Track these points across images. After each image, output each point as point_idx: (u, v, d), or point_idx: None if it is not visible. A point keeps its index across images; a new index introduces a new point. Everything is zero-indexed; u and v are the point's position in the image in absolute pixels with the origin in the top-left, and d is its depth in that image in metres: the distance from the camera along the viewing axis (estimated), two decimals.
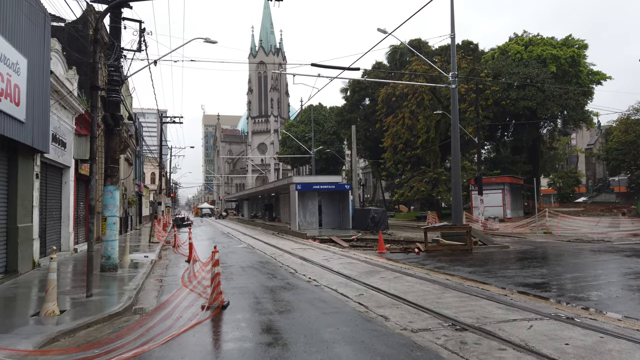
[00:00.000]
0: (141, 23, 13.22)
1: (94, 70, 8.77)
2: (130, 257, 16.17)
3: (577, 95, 40.79)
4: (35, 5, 11.53)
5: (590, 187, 77.15)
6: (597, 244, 19.89)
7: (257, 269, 13.68)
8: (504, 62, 43.68)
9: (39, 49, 11.99)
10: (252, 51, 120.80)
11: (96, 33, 8.98)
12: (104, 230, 12.33)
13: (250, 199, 65.85)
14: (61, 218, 16.84)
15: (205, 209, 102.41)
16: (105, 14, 9.78)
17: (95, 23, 9.52)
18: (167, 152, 58.68)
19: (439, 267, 13.43)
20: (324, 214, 32.77)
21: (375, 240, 22.11)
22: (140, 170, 48.56)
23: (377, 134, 50.68)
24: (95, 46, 8.92)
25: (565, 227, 26.15)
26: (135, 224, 41.93)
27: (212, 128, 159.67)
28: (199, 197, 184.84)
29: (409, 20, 15.20)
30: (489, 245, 17.86)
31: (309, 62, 18.33)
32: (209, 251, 11.88)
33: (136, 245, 22.74)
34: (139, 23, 13.23)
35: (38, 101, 11.89)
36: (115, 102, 12.42)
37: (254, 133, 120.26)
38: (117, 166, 12.84)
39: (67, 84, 15.82)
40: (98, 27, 9.09)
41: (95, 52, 8.91)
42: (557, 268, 13.09)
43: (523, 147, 45.46)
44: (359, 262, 14.64)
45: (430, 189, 39.89)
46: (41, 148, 12.38)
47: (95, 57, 8.89)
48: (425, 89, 40.35)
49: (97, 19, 9.63)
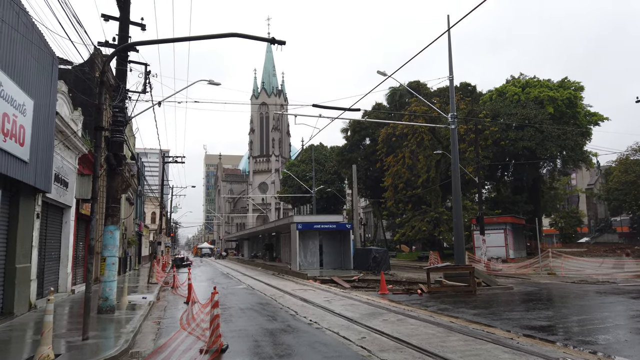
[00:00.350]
0: (147, 66, 13.56)
1: (99, 111, 8.91)
2: (129, 299, 15.92)
3: (575, 136, 41.21)
4: (44, 49, 11.85)
5: (593, 227, 76.74)
6: (602, 285, 19.59)
7: (257, 311, 13.43)
8: (502, 103, 44.40)
9: (46, 91, 12.23)
10: (255, 93, 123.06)
11: (102, 76, 9.18)
12: (103, 270, 12.19)
13: (251, 239, 65.41)
14: (60, 258, 16.67)
15: (205, 249, 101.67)
16: (112, 57, 10.03)
17: (102, 66, 9.75)
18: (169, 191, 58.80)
19: (443, 309, 13.17)
20: (325, 254, 32.45)
21: (377, 281, 21.81)
22: (141, 209, 48.50)
23: (378, 174, 50.91)
24: (101, 88, 9.10)
25: (569, 268, 25.83)
26: (135, 264, 41.49)
27: (214, 167, 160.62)
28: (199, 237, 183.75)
29: (408, 63, 15.36)
30: (492, 286, 17.58)
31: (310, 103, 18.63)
32: (208, 292, 11.72)
33: (135, 286, 22.43)
34: (144, 66, 13.58)
35: (42, 141, 12.02)
36: (119, 142, 12.55)
37: (255, 172, 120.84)
38: (118, 206, 12.83)
39: (72, 125, 16.04)
40: (105, 70, 9.30)
41: (100, 94, 9.08)
42: (563, 310, 12.85)
43: (523, 187, 45.54)
44: (361, 303, 14.39)
45: (432, 229, 39.67)
46: (43, 188, 12.41)
47: (100, 98, 9.05)
48: (425, 129, 40.84)
49: (103, 62, 9.87)
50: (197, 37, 10.23)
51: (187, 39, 10.29)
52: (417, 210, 42.15)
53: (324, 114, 50.78)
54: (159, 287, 20.79)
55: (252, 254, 62.52)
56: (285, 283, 23.32)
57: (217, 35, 10.41)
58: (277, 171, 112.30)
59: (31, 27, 11.02)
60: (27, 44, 10.84)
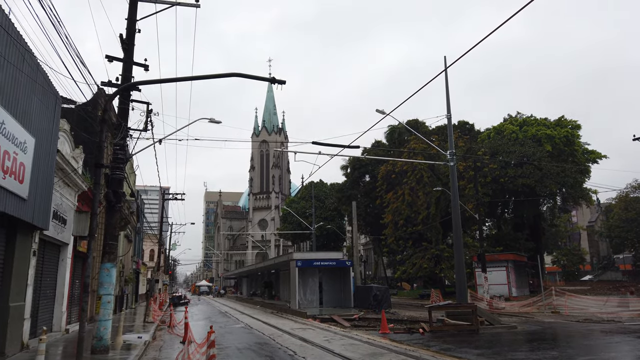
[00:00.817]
0: (148, 104, 13.75)
1: (100, 148, 8.99)
2: (124, 338, 15.57)
3: (574, 173, 41.39)
4: (48, 89, 12.05)
5: (596, 265, 75.98)
6: (607, 324, 19.20)
7: (255, 351, 13.11)
8: (500, 141, 44.78)
9: (48, 129, 12.36)
10: (255, 131, 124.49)
11: (104, 114, 9.31)
12: (98, 309, 11.97)
13: (249, 276, 64.59)
14: (55, 296, 16.42)
15: (203, 287, 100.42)
16: (114, 96, 10.20)
17: (104, 105, 9.90)
18: (168, 228, 58.54)
19: (446, 349, 12.84)
20: (325, 292, 31.92)
21: (378, 320, 21.38)
22: (139, 247, 48.12)
23: (378, 210, 50.78)
24: (102, 126, 9.21)
25: (572, 307, 25.38)
26: (132, 302, 40.83)
27: (214, 205, 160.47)
28: (197, 275, 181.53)
29: (406, 102, 15.47)
30: (495, 325, 17.23)
31: (310, 140, 18.83)
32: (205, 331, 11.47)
33: (130, 325, 22.00)
34: (146, 104, 13.76)
35: (42, 179, 12.05)
36: (118, 179, 12.58)
37: (255, 209, 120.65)
38: (116, 243, 12.74)
39: (73, 162, 16.13)
40: (107, 109, 9.44)
41: (102, 131, 9.19)
42: (568, 350, 12.54)
43: (524, 224, 45.36)
44: (361, 343, 14.05)
45: (433, 266, 39.28)
46: (41, 225, 12.35)
47: (102, 136, 9.15)
48: (424, 167, 41.06)
49: (106, 101, 10.03)
50: (199, 76, 10.43)
51: (189, 79, 10.49)
52: (418, 247, 41.84)
53: (323, 151, 51.08)
54: (155, 326, 20.38)
55: (251, 291, 61.62)
56: (284, 322, 22.86)
57: (219, 75, 10.61)
58: (277, 208, 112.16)
59: (35, 67, 11.25)
60: (31, 84, 11.05)
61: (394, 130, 55.03)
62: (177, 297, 48.01)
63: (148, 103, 13.63)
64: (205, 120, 15.11)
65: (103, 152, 9.08)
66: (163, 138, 14.40)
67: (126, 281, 35.79)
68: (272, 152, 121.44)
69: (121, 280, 33.06)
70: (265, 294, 46.92)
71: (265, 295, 46.78)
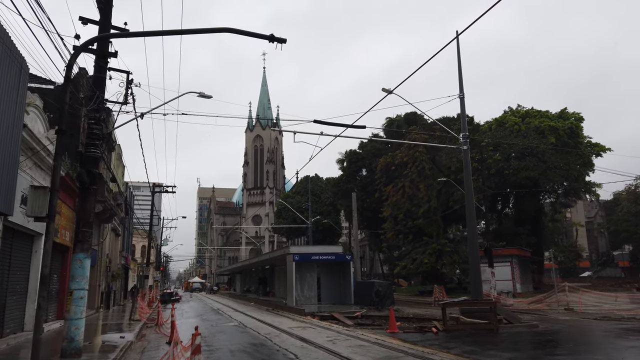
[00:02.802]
0: (129, 74, 12.10)
1: (61, 111, 7.36)
2: (104, 338, 14.07)
3: (579, 166, 40.05)
4: (7, 51, 10.33)
5: (595, 261, 74.98)
6: (630, 322, 17.80)
7: (250, 354, 11.54)
8: (503, 133, 43.31)
9: (10, 99, 10.66)
10: (249, 125, 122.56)
11: (69, 70, 7.69)
12: (69, 306, 10.36)
13: (243, 273, 62.89)
14: (27, 292, 14.75)
15: (195, 284, 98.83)
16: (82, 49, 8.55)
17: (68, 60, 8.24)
18: (159, 222, 56.77)
19: (469, 352, 11.22)
20: (323, 288, 30.31)
21: (382, 317, 19.86)
22: (128, 242, 46.36)
23: (375, 205, 49.25)
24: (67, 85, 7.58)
25: (586, 304, 24.01)
26: (120, 299, 39.13)
27: (207, 201, 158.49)
28: (190, 271, 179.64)
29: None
30: (515, 324, 15.70)
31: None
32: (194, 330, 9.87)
33: (115, 323, 20.42)
34: (126, 74, 12.11)
35: (4, 156, 10.38)
36: (94, 157, 10.93)
37: (249, 205, 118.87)
38: (91, 230, 11.09)
39: (47, 143, 14.45)
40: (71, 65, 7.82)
41: (65, 91, 7.55)
42: (615, 354, 11.00)
43: (526, 219, 44.09)
44: (371, 344, 12.48)
45: (434, 261, 37.85)
46: (2, 209, 10.68)
47: (65, 97, 7.51)
48: (426, 158, 39.60)
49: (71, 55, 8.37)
50: (187, 30, 8.87)
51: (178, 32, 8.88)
52: (418, 242, 40.39)
53: (325, 131, 49.30)
54: (141, 325, 18.80)
55: (245, 288, 60.02)
56: (281, 320, 21.28)
57: (209, 30, 9.00)
58: (271, 203, 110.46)
59: None
60: None
61: (392, 122, 53.70)
62: (168, 294, 46.39)
63: (128, 72, 12.00)
64: (195, 95, 13.46)
65: (65, 116, 7.49)
66: (146, 112, 12.74)
67: (113, 277, 34.07)
68: (266, 147, 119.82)
69: (108, 275, 31.36)
70: (260, 291, 45.35)
71: (260, 291, 45.21)
